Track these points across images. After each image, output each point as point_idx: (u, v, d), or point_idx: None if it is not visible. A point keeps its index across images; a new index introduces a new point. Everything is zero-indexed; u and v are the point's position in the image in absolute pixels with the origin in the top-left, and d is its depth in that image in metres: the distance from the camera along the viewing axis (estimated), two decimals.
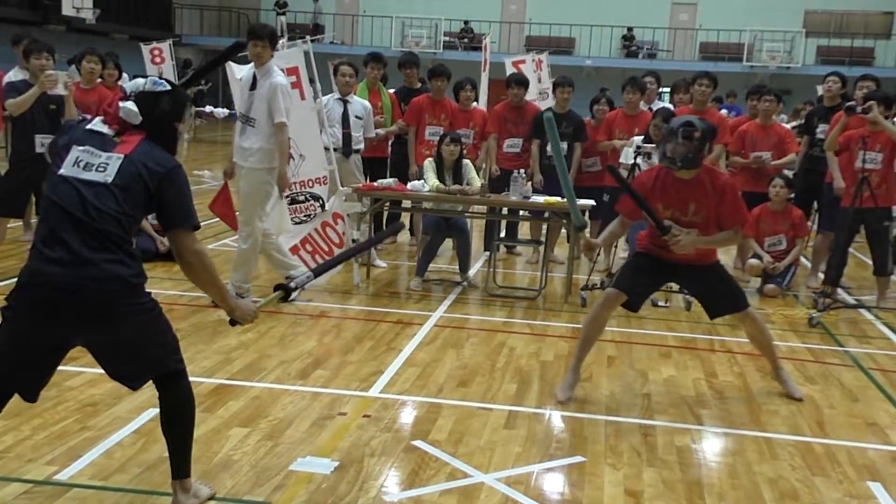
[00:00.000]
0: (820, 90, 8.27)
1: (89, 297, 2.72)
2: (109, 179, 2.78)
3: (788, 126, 9.09)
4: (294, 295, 3.35)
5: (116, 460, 3.49)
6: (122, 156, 2.82)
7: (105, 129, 2.90)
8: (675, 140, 4.45)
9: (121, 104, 2.89)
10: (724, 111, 8.46)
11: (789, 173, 7.82)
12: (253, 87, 5.89)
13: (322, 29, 26.84)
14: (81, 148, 2.84)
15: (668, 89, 10.60)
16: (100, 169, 2.79)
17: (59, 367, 2.97)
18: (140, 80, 2.98)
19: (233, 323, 3.13)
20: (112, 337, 2.84)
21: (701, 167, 4.51)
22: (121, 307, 2.78)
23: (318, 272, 3.47)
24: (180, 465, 3.10)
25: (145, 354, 2.94)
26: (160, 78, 3.01)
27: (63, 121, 6.44)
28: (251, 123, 5.88)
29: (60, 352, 2.90)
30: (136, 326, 2.86)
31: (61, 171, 2.81)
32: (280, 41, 6.97)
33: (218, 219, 6.89)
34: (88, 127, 2.92)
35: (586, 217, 7.66)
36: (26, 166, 6.64)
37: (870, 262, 7.43)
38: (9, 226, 7.10)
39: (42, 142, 6.49)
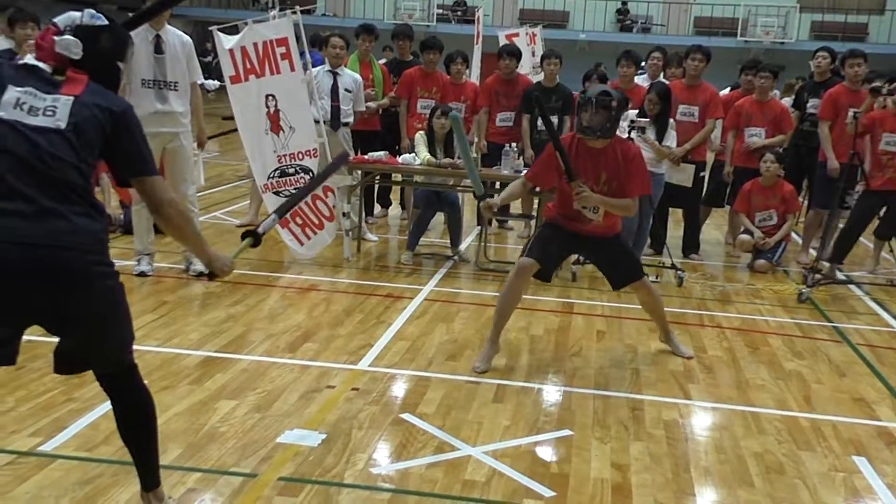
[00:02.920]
0: (812, 66, 8.22)
1: (59, 252, 2.40)
2: (62, 125, 2.47)
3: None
4: (261, 243, 3.06)
5: (101, 432, 3.47)
6: (70, 97, 2.51)
7: (40, 65, 2.58)
8: (591, 109, 4.51)
9: (56, 38, 2.57)
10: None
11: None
12: (158, 50, 5.70)
13: None
14: (20, 89, 2.49)
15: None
16: (48, 113, 2.48)
17: (45, 339, 2.64)
18: (75, 14, 2.64)
19: (210, 276, 2.87)
20: (81, 304, 2.49)
21: (613, 137, 4.58)
22: (93, 267, 2.49)
23: (280, 212, 3.21)
24: (150, 474, 2.81)
25: (107, 334, 2.60)
26: (97, 12, 2.67)
27: None
28: (172, 87, 5.77)
29: (22, 323, 2.52)
30: (105, 295, 2.54)
31: (1, 115, 2.45)
32: (272, 12, 6.89)
33: (209, 191, 6.85)
34: (21, 62, 2.59)
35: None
36: None
37: (862, 240, 7.44)
38: None
39: None
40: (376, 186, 8.34)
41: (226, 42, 6.36)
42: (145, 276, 5.84)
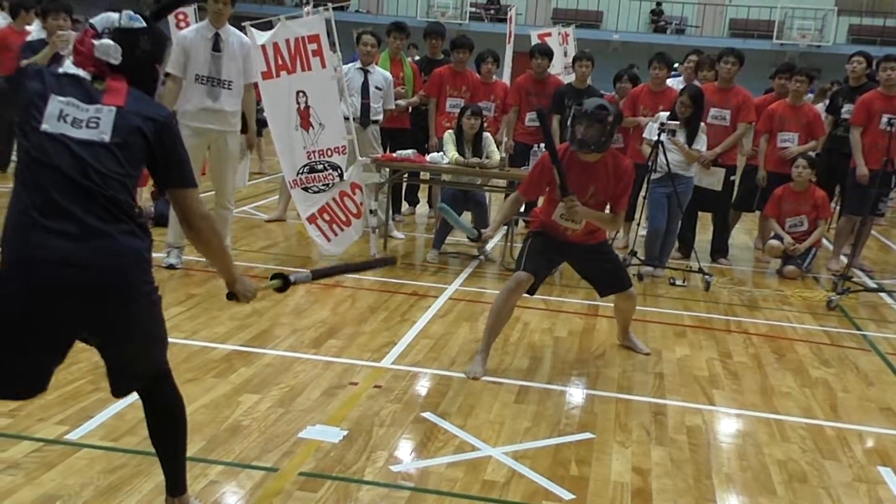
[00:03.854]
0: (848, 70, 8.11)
1: (107, 274, 2.37)
2: (107, 138, 2.40)
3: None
4: (287, 290, 3.03)
5: (127, 422, 3.52)
6: (113, 108, 2.43)
7: (80, 73, 2.49)
8: (587, 122, 4.46)
9: (95, 42, 2.48)
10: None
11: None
12: (216, 48, 5.76)
13: None
14: (63, 99, 2.41)
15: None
16: (91, 125, 2.40)
17: None
18: (112, 15, 2.55)
19: (230, 297, 2.82)
20: (123, 320, 2.47)
21: (607, 151, 4.56)
22: (138, 286, 2.46)
23: (316, 276, 3.20)
24: (178, 479, 2.79)
25: (148, 346, 2.61)
26: (135, 13, 2.59)
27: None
28: (226, 86, 5.82)
29: (66, 342, 2.50)
30: (147, 310, 2.53)
31: (44, 127, 2.38)
32: (306, 7, 6.93)
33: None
34: (61, 70, 2.51)
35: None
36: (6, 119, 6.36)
37: (892, 245, 7.32)
38: None
39: None
40: (404, 184, 8.36)
41: (258, 38, 6.40)
42: (174, 268, 5.91)
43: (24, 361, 2.43)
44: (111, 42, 2.47)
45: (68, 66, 2.48)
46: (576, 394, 4.34)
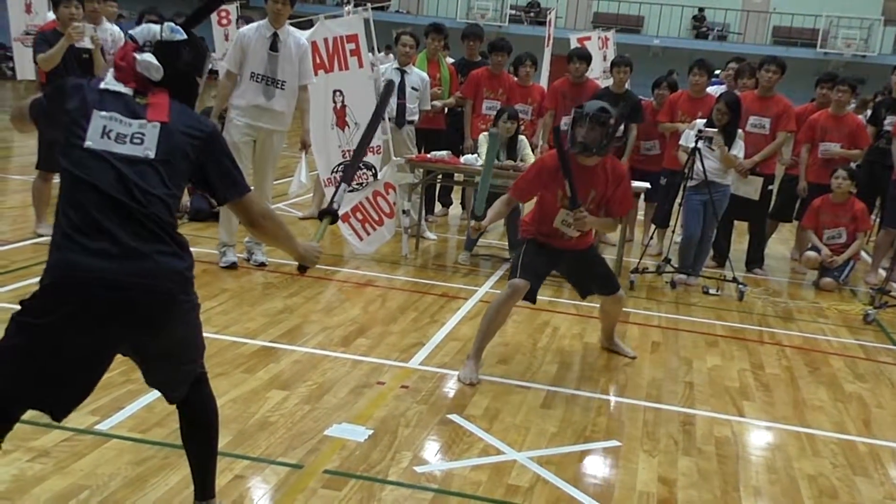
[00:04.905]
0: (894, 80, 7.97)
1: (145, 296, 2.33)
2: (151, 155, 2.37)
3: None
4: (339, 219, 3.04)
5: (156, 414, 3.56)
6: (157, 124, 2.40)
7: (122, 89, 2.43)
8: (588, 125, 4.42)
9: (137, 56, 2.43)
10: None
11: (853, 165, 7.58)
12: (274, 47, 5.80)
13: None
14: (105, 114, 2.36)
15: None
16: (135, 141, 2.36)
17: None
18: (153, 27, 2.51)
19: (302, 269, 2.84)
20: (165, 340, 2.46)
21: (606, 155, 4.52)
22: (178, 306, 2.42)
23: (347, 179, 3.21)
24: (207, 483, 2.77)
25: (189, 356, 2.61)
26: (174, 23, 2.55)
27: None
28: (280, 86, 5.87)
29: (104, 362, 2.47)
30: (188, 325, 2.52)
31: (88, 144, 2.33)
32: (346, 7, 6.97)
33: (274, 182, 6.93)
34: (102, 86, 2.44)
35: (640, 200, 7.56)
36: None
37: None
38: None
39: None
40: (437, 185, 8.37)
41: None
42: (235, 267, 5.92)
43: (62, 381, 2.40)
44: (153, 59, 2.43)
45: (109, 82, 2.45)
46: (604, 401, 4.31)
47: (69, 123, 2.36)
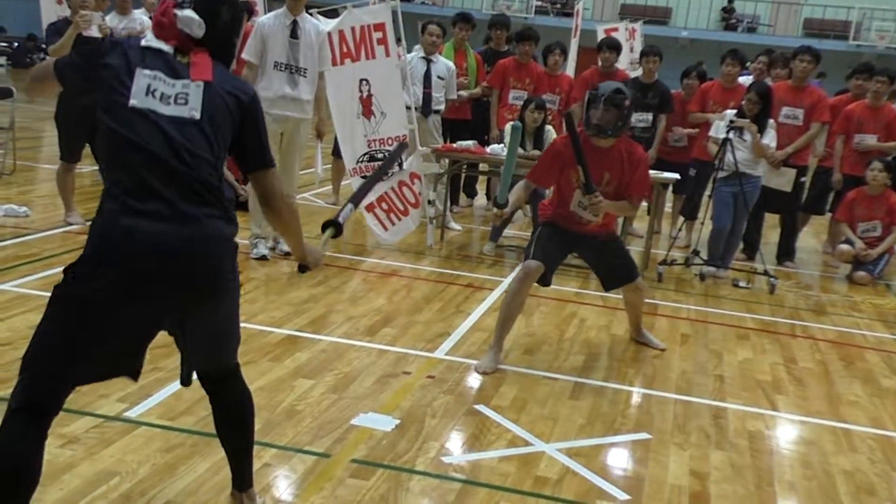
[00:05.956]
0: None
1: (197, 260, 2.27)
2: (197, 115, 2.29)
3: None
4: (342, 234, 2.93)
5: (184, 402, 3.55)
6: (200, 83, 2.32)
7: (164, 46, 2.35)
8: (602, 107, 4.36)
9: (178, 13, 2.34)
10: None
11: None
12: (294, 35, 5.74)
13: None
14: (149, 72, 2.28)
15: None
16: (180, 101, 2.28)
17: None
18: None
19: (302, 269, 2.79)
20: (213, 311, 2.40)
21: (621, 136, 4.46)
22: (226, 274, 2.36)
23: (355, 201, 3.05)
24: (245, 474, 2.72)
25: (232, 334, 2.55)
26: None
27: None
28: (303, 73, 5.82)
29: (152, 334, 2.39)
30: (233, 301, 2.46)
31: (133, 103, 2.25)
32: None
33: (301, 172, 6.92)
34: (144, 44, 2.36)
35: (669, 191, 7.45)
36: (76, 108, 5.89)
37: None
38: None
39: None
40: (463, 176, 8.32)
41: (325, 25, 6.42)
42: (266, 259, 5.90)
43: (111, 347, 2.32)
44: (194, 14, 2.34)
45: (150, 40, 2.36)
46: (632, 393, 4.25)
47: (111, 79, 2.28)
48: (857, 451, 3.78)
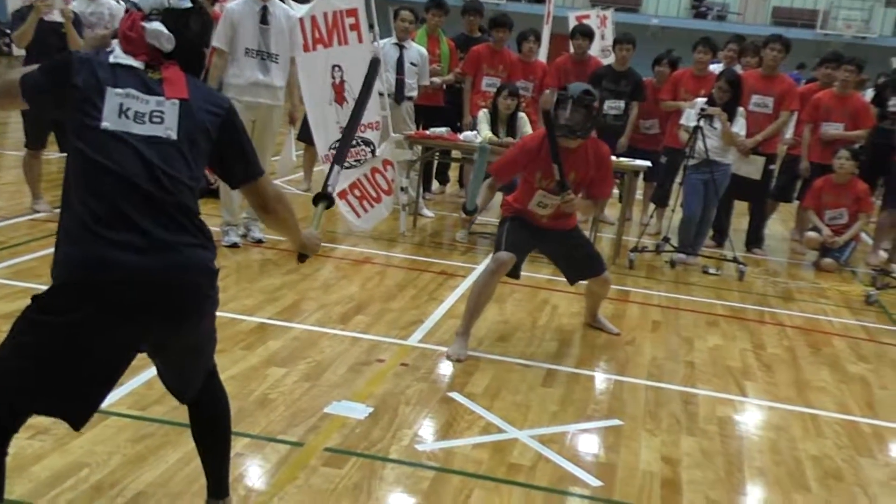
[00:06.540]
0: (894, 62, 7.91)
1: (176, 291, 2.19)
2: (173, 135, 2.19)
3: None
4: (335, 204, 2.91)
5: (156, 391, 3.49)
6: (176, 101, 2.22)
7: (133, 62, 2.23)
8: (571, 107, 4.39)
9: (146, 25, 2.24)
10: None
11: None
12: (264, 20, 5.69)
13: None
14: (120, 91, 2.17)
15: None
16: (154, 120, 2.18)
17: None
18: None
19: (302, 258, 2.74)
20: (191, 335, 2.35)
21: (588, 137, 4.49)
22: (203, 301, 2.30)
23: (339, 160, 3.01)
24: (221, 481, 2.64)
25: (209, 351, 2.51)
26: None
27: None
28: (274, 59, 5.76)
29: (127, 361, 2.29)
30: (211, 321, 2.41)
31: (105, 125, 2.13)
32: None
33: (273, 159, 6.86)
34: (112, 60, 2.23)
35: (639, 179, 7.49)
36: None
37: None
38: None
39: None
40: (435, 162, 8.30)
41: (297, 11, 6.35)
42: (237, 247, 5.86)
43: (80, 383, 2.21)
44: (162, 27, 2.25)
45: (119, 55, 2.25)
46: (604, 379, 4.28)
47: (80, 101, 2.15)
48: (824, 437, 3.84)
